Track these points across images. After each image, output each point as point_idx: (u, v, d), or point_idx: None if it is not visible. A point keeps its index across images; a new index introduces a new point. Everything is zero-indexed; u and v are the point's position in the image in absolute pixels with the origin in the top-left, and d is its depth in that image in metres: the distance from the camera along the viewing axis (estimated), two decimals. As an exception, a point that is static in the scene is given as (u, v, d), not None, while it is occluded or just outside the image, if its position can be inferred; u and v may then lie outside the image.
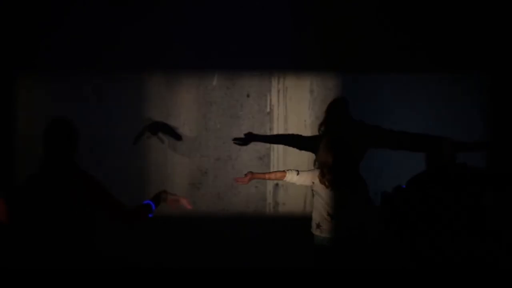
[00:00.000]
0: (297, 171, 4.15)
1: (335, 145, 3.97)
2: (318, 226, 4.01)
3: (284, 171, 4.22)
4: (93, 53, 4.53)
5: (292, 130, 4.65)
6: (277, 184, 4.65)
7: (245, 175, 4.15)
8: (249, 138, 4.64)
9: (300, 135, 4.63)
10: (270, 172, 4.42)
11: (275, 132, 4.65)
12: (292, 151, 4.64)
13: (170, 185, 4.55)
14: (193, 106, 4.64)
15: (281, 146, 4.67)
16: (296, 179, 4.11)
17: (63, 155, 3.07)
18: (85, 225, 3.08)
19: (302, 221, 4.28)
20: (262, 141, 4.65)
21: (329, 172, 3.95)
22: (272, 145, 4.67)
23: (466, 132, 4.59)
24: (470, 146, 4.44)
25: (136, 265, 4.46)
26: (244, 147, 4.65)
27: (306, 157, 4.59)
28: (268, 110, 4.65)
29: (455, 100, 4.64)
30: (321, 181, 3.98)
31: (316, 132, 4.53)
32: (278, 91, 4.65)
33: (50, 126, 3.10)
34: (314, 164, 4.16)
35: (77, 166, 3.11)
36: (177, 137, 4.63)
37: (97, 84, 4.59)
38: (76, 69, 4.56)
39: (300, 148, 4.59)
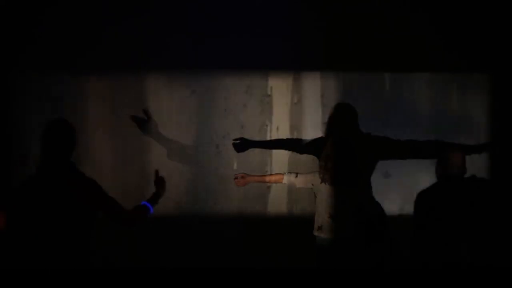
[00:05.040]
0: (296, 173, 4.16)
1: (337, 144, 3.96)
2: (320, 227, 4.01)
3: (282, 173, 4.22)
4: (91, 53, 4.53)
5: (293, 132, 4.64)
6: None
7: (237, 176, 4.17)
8: (248, 143, 4.58)
9: (300, 138, 4.60)
10: (267, 175, 4.42)
11: (274, 133, 4.64)
12: (292, 154, 4.62)
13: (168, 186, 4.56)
14: (192, 106, 4.64)
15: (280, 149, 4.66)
16: (294, 182, 4.11)
17: (61, 156, 3.07)
18: (84, 226, 3.08)
19: (303, 221, 4.29)
20: (262, 146, 4.60)
21: (330, 171, 3.94)
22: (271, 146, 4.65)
23: (467, 132, 4.60)
24: (473, 149, 4.42)
25: (136, 265, 4.47)
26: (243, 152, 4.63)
27: (305, 159, 4.60)
28: (268, 111, 4.65)
29: (455, 100, 4.64)
30: (322, 181, 3.98)
31: (317, 134, 4.52)
32: (279, 92, 4.64)
33: (48, 127, 3.10)
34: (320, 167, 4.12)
35: (75, 167, 3.12)
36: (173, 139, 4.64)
37: (97, 85, 4.60)
38: (75, 69, 4.56)
39: (301, 152, 4.57)
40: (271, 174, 4.43)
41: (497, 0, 4.56)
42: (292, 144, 4.55)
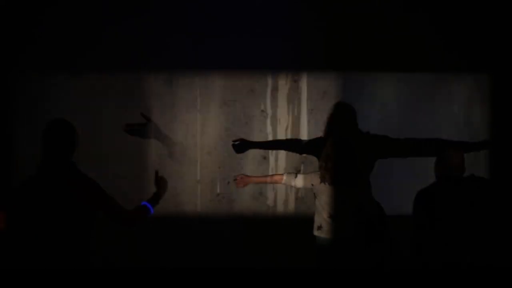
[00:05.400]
0: (296, 173, 4.16)
1: (337, 144, 3.96)
2: (319, 227, 4.01)
3: (282, 174, 4.22)
4: (91, 53, 4.53)
5: (292, 132, 4.64)
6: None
7: (237, 177, 4.17)
8: (248, 143, 4.58)
9: (300, 138, 4.58)
10: (267, 175, 4.42)
11: (274, 134, 4.64)
12: (292, 154, 4.62)
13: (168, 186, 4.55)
14: (192, 106, 4.64)
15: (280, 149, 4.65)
16: (294, 182, 4.11)
17: (61, 156, 3.07)
18: (84, 226, 3.08)
19: (303, 221, 4.29)
20: (261, 147, 4.60)
21: (330, 171, 3.94)
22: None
23: (467, 132, 4.59)
24: (472, 146, 4.42)
25: (136, 265, 4.47)
26: (242, 153, 4.62)
27: (305, 159, 4.60)
28: (268, 111, 4.65)
29: (455, 100, 4.64)
30: (322, 181, 3.98)
31: (315, 134, 4.51)
32: (279, 92, 4.64)
33: (48, 127, 3.10)
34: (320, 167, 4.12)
35: (76, 167, 3.12)
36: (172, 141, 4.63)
37: (97, 84, 4.60)
38: (75, 69, 4.56)
39: (301, 152, 4.56)
40: (270, 175, 4.43)
41: (497, 0, 4.56)
42: (292, 144, 4.54)
